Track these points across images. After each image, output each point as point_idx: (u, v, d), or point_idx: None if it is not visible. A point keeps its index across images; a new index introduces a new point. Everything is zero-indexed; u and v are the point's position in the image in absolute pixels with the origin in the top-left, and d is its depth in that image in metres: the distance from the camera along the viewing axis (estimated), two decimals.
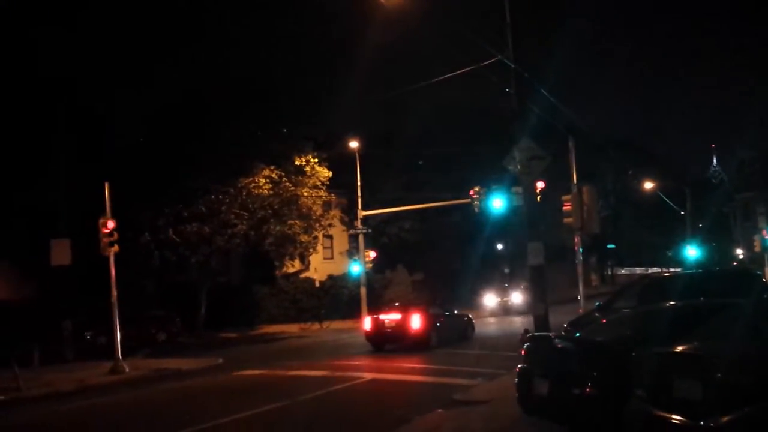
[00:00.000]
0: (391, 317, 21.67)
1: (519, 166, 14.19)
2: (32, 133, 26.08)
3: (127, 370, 18.70)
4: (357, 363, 17.78)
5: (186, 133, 29.61)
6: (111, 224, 18.95)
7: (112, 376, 18.11)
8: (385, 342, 21.50)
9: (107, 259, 19.06)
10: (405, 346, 20.92)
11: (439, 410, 10.66)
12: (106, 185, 19.39)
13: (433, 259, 44.58)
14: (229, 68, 29.85)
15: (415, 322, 21.04)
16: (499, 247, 48.85)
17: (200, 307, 34.75)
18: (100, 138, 27.82)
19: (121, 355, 19.13)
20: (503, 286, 43.29)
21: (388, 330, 21.37)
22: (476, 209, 30.96)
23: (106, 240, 18.90)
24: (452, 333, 22.52)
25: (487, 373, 14.09)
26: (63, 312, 24.69)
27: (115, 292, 19.26)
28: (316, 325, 35.97)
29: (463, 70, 17.75)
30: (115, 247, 19.04)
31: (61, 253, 20.21)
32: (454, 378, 13.92)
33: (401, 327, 21.11)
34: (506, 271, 48.17)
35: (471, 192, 30.87)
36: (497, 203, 29.63)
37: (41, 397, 15.11)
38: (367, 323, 22.58)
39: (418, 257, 44.74)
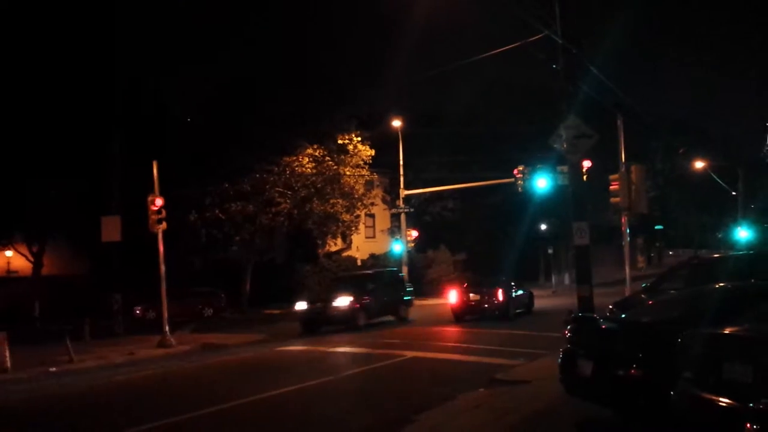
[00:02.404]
0: (475, 292, 24.01)
1: (565, 145, 13.94)
2: (84, 113, 26.74)
3: (174, 344, 19.19)
4: (398, 341, 17.87)
5: (231, 113, 29.96)
6: (159, 202, 19.36)
7: (160, 349, 18.62)
8: (470, 314, 23.84)
9: (156, 235, 19.51)
10: (487, 317, 23.23)
11: (481, 389, 10.66)
12: (155, 164, 19.80)
13: (476, 238, 44.34)
14: (275, 48, 30.02)
15: (500, 295, 23.73)
16: (543, 227, 48.27)
17: (245, 283, 35.37)
18: (150, 118, 28.36)
19: (169, 329, 19.63)
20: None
21: (473, 303, 23.81)
22: (520, 188, 30.56)
23: (154, 217, 19.33)
24: (521, 305, 25.35)
25: (529, 353, 14.01)
26: (113, 287, 25.42)
27: (163, 268, 19.73)
28: None
29: (508, 47, 17.44)
30: (164, 225, 19.46)
31: (111, 230, 20.72)
32: (496, 357, 13.89)
33: (486, 300, 23.67)
34: (550, 251, 47.63)
35: (515, 171, 30.48)
36: (542, 182, 29.21)
37: (92, 368, 15.67)
38: (453, 297, 24.64)
39: (461, 237, 44.54)
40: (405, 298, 26.36)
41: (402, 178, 37.49)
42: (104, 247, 22.98)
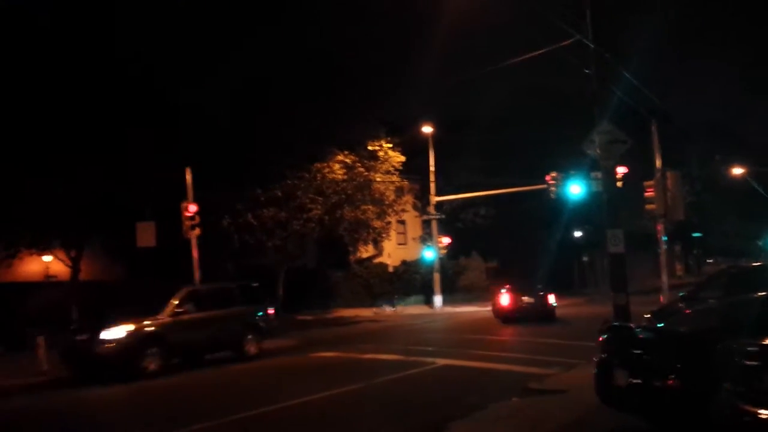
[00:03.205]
0: (527, 296, 25.68)
1: (599, 150, 13.77)
2: (118, 119, 27.23)
3: None
4: (430, 348, 17.80)
5: (263, 119, 30.23)
6: (193, 208, 19.63)
7: None
8: (520, 316, 24.84)
9: (190, 241, 19.75)
10: (537, 319, 24.35)
11: (514, 398, 10.55)
12: (188, 170, 20.09)
13: (509, 246, 44.02)
14: (305, 53, 30.19)
15: (551, 299, 25.86)
16: (577, 234, 47.70)
17: (277, 289, 35.61)
18: (182, 124, 28.74)
19: None
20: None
21: (526, 306, 25.22)
22: (552, 195, 30.32)
23: (188, 223, 19.62)
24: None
25: (564, 362, 13.82)
26: (148, 292, 25.77)
27: (197, 274, 19.95)
28: (389, 310, 36.25)
29: (539, 51, 17.33)
30: (197, 230, 19.73)
31: (146, 236, 21.07)
32: (529, 366, 13.73)
33: (539, 304, 25.33)
34: (585, 259, 47.05)
35: (547, 177, 30.23)
36: (575, 189, 28.93)
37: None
38: (505, 300, 25.85)
39: (493, 244, 44.26)
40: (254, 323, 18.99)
41: (433, 185, 37.42)
42: (139, 253, 23.34)
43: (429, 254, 38.18)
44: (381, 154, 35.74)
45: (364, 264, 42.02)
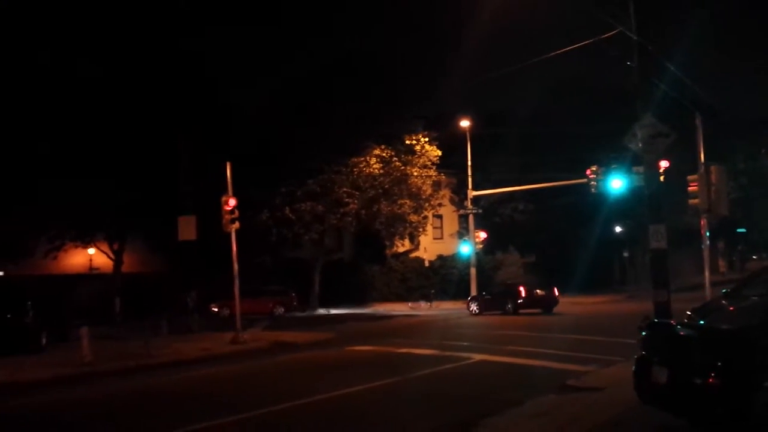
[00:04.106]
0: (539, 290, 30.67)
1: (641, 144, 13.50)
2: (159, 116, 27.74)
3: (247, 341, 19.65)
4: (466, 344, 17.73)
5: (301, 114, 30.45)
6: (232, 202, 19.87)
7: (233, 346, 19.10)
8: (535, 303, 29.73)
9: (229, 235, 20.02)
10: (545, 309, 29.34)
11: (552, 395, 10.43)
12: (228, 165, 20.34)
13: (547, 241, 43.54)
14: (342, 49, 30.30)
15: (555, 292, 30.59)
16: (618, 229, 46.92)
17: (314, 283, 35.89)
18: (222, 120, 29.16)
19: (241, 326, 20.11)
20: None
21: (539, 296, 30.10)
22: (593, 190, 29.82)
23: (228, 217, 19.85)
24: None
25: (602, 359, 13.63)
26: (188, 284, 26.25)
27: (236, 267, 20.22)
28: (426, 305, 36.21)
29: (580, 44, 17.06)
30: (237, 224, 19.96)
31: (187, 229, 21.36)
32: (567, 363, 13.57)
33: (548, 295, 30.10)
34: (625, 254, 46.28)
35: (588, 172, 29.76)
36: (616, 183, 28.44)
37: (169, 363, 16.20)
38: (522, 292, 30.10)
39: (531, 239, 43.83)
40: None
41: (470, 179, 37.20)
42: (180, 246, 23.74)
43: (465, 249, 38.00)
44: (418, 148, 35.69)
45: (401, 258, 42.05)
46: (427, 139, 36.09)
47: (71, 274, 34.77)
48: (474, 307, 31.17)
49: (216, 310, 32.08)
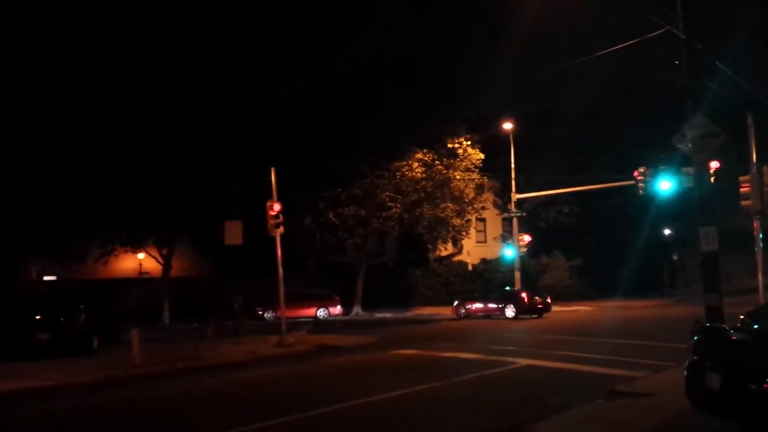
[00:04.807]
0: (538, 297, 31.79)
1: (690, 145, 13.18)
2: (206, 123, 28.27)
3: (292, 344, 19.83)
4: (511, 348, 17.57)
5: (344, 119, 30.65)
6: (277, 207, 20.11)
7: (278, 348, 19.31)
8: (533, 309, 30.65)
9: (274, 239, 20.27)
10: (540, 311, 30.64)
11: (600, 401, 10.26)
12: (273, 171, 20.60)
13: (593, 244, 42.81)
14: (384, 53, 30.36)
15: (548, 300, 31.93)
16: (667, 232, 45.86)
17: (357, 286, 36.02)
18: (267, 125, 29.55)
19: (286, 329, 20.31)
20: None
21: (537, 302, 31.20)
22: (641, 191, 29.16)
23: (272, 222, 20.10)
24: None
25: (652, 364, 13.34)
26: (235, 288, 26.65)
27: (281, 271, 20.45)
28: None
29: (626, 43, 16.77)
30: (281, 229, 20.18)
31: (233, 234, 21.69)
32: (615, 368, 13.32)
33: (543, 301, 31.41)
34: (675, 257, 45.20)
35: (635, 173, 29.14)
36: (665, 185, 27.70)
37: (217, 366, 16.46)
38: (526, 298, 31.08)
39: (577, 242, 43.14)
40: None
41: (514, 182, 36.86)
42: (226, 250, 24.12)
43: (509, 252, 37.64)
44: (460, 151, 35.54)
45: (444, 262, 41.89)
46: (469, 143, 35.90)
47: (122, 278, 35.68)
48: (462, 310, 32.09)
49: (262, 313, 32.53)
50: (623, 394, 10.63)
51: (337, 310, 34.44)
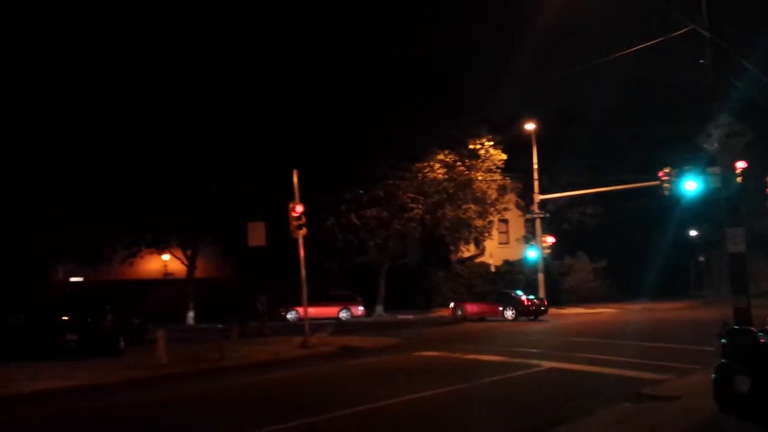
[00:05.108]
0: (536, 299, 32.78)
1: (716, 145, 13.01)
2: (230, 126, 28.50)
3: (315, 345, 19.91)
4: (535, 350, 17.46)
5: (365, 120, 30.70)
6: (299, 208, 20.20)
7: (302, 350, 19.38)
8: (535, 310, 31.52)
9: (297, 240, 20.36)
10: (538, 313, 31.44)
11: (626, 404, 10.16)
12: (295, 173, 20.70)
13: (618, 245, 42.39)
14: (405, 54, 30.33)
15: (545, 302, 32.87)
16: (693, 233, 45.27)
17: (379, 288, 36.05)
18: (289, 129, 29.71)
19: (309, 330, 20.39)
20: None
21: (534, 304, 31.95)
22: (666, 192, 28.79)
23: (295, 223, 20.19)
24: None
25: (678, 367, 13.19)
26: (258, 289, 26.82)
27: (303, 272, 20.53)
28: None
29: (649, 42, 16.60)
30: (304, 230, 20.26)
31: (257, 235, 21.82)
32: (641, 371, 13.18)
33: (540, 303, 32.42)
34: (701, 259, 44.60)
35: (660, 173, 28.81)
36: (690, 185, 27.25)
37: (241, 366, 16.58)
38: (526, 301, 31.57)
39: (601, 244, 42.75)
40: None
41: (536, 183, 36.65)
42: (249, 252, 24.28)
43: (532, 254, 37.43)
44: (482, 152, 35.42)
45: (466, 263, 41.78)
46: (491, 143, 35.75)
47: (147, 279, 36.07)
48: (459, 311, 32.70)
49: (284, 314, 32.70)
50: (649, 397, 10.53)
51: (360, 311, 34.49)
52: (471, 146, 35.28)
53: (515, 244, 44.49)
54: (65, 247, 30.93)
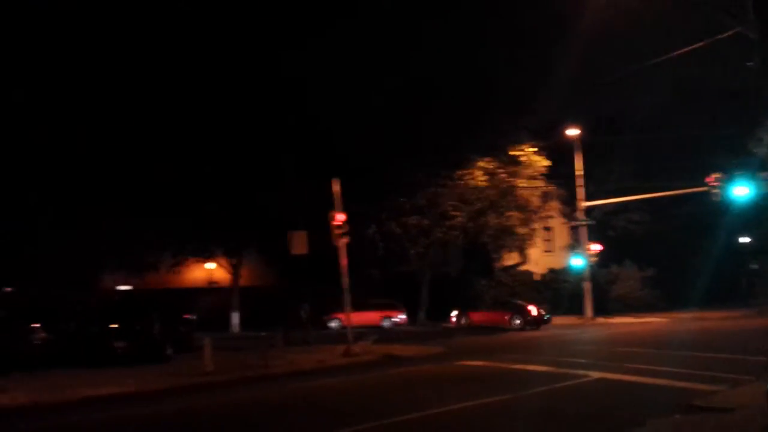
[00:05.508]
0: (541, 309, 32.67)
1: (767, 149, 12.64)
2: (272, 138, 28.87)
3: (358, 353, 19.93)
4: (582, 360, 17.14)
5: (406, 129, 30.72)
6: (341, 217, 20.30)
7: (345, 358, 19.42)
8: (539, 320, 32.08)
9: (338, 249, 20.44)
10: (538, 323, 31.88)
11: (677, 415, 9.89)
12: (336, 182, 20.81)
13: (666, 253, 41.39)
14: (444, 61, 30.26)
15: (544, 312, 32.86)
16: (744, 240, 43.95)
17: (421, 296, 35.96)
18: (330, 138, 29.92)
19: (352, 338, 20.43)
20: None
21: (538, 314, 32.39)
22: (715, 198, 28.11)
23: (337, 231, 20.29)
24: None
25: (730, 378, 12.79)
26: (301, 297, 27.02)
27: (346, 280, 20.59)
28: None
29: (695, 45, 16.26)
30: (346, 238, 20.34)
31: (299, 243, 22.00)
32: (692, 382, 12.82)
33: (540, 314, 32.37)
34: (754, 266, 43.25)
35: (709, 179, 28.12)
36: (741, 190, 26.63)
37: (285, 374, 16.71)
38: (533, 311, 32.15)
39: (648, 251, 41.80)
40: None
41: (581, 189, 36.12)
42: (292, 260, 24.48)
43: (577, 262, 36.84)
44: (524, 159, 35.09)
45: (509, 272, 41.33)
46: (533, 150, 35.39)
47: (192, 287, 36.68)
48: (463, 319, 32.95)
49: (327, 322, 32.86)
50: (701, 408, 10.24)
51: (402, 319, 34.44)
52: (513, 153, 34.98)
53: (560, 252, 43.85)
54: (114, 256, 31.70)
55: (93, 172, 26.81)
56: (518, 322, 31.62)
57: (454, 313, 33.70)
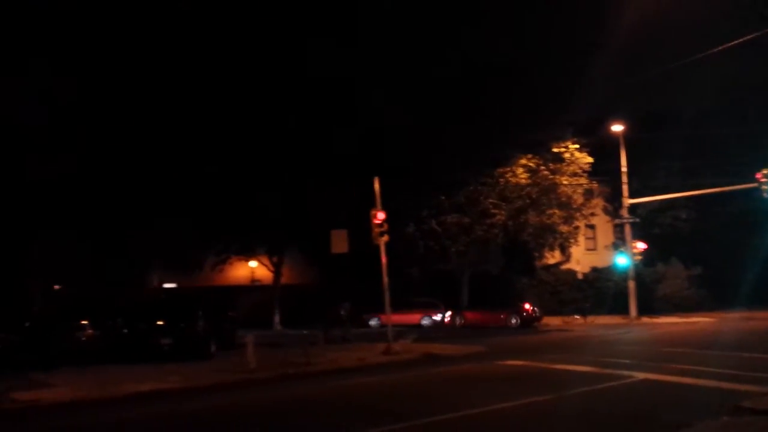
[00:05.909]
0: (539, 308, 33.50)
1: None
2: (313, 139, 29.06)
3: (398, 351, 19.94)
4: (626, 361, 16.82)
5: (446, 126, 30.58)
6: (381, 215, 20.34)
7: (385, 356, 19.46)
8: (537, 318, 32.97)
9: (378, 247, 20.49)
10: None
11: (724, 417, 9.63)
12: (376, 180, 20.86)
13: (713, 251, 40.33)
14: (486, 57, 29.99)
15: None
16: None
17: (461, 295, 35.79)
18: (371, 137, 29.99)
19: (392, 337, 20.45)
20: None
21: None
22: (765, 194, 27.34)
23: (377, 230, 20.33)
24: None
25: None
26: (342, 296, 27.18)
27: (386, 279, 20.62)
28: (580, 319, 34.88)
29: (743, 39, 15.79)
30: (386, 237, 20.37)
31: (340, 242, 22.10)
32: (740, 383, 12.46)
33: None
34: None
35: (758, 175, 27.36)
36: None
37: (327, 371, 16.82)
38: (530, 309, 32.84)
39: (695, 249, 40.78)
40: None
41: (625, 186, 35.44)
42: (333, 259, 24.63)
43: (622, 260, 36.17)
44: (567, 155, 34.62)
45: (551, 270, 40.85)
46: (576, 146, 34.86)
47: (235, 285, 37.24)
48: (458, 319, 32.78)
49: (367, 320, 32.99)
50: (750, 411, 9.95)
51: (442, 318, 34.36)
52: (555, 150, 34.52)
53: (603, 250, 43.12)
54: (161, 256, 32.40)
55: (142, 174, 27.41)
56: (514, 321, 31.64)
57: (449, 313, 33.40)
